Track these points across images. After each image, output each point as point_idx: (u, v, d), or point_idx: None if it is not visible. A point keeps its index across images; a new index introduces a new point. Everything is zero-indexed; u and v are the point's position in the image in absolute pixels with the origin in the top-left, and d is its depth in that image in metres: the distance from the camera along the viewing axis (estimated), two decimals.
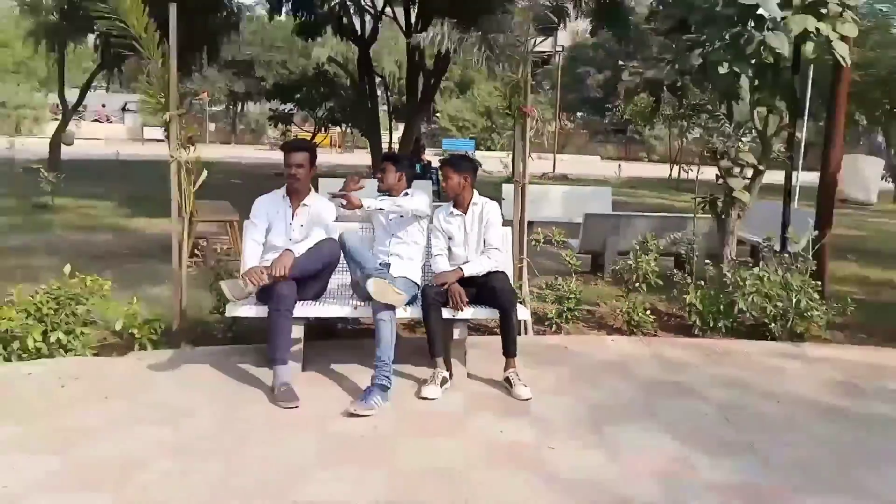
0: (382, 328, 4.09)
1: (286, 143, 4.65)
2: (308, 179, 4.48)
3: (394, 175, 4.67)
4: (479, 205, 4.58)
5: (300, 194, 4.49)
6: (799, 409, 4.16)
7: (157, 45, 4.57)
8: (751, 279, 5.37)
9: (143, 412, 3.80)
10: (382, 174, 4.70)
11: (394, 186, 4.67)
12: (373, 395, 3.91)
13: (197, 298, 5.71)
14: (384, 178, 4.68)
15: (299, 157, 4.41)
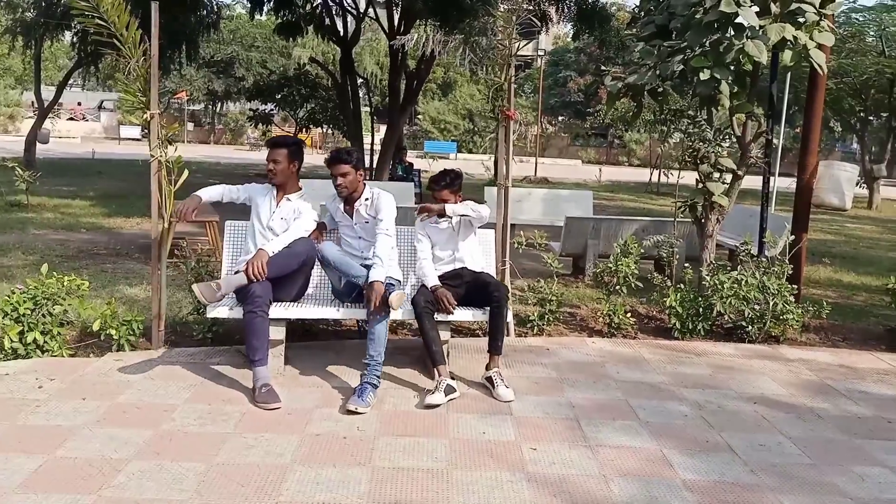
0: (379, 329, 4.12)
1: (269, 139, 4.67)
2: (287, 175, 4.48)
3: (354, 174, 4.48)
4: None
5: (283, 189, 4.52)
6: (774, 409, 4.24)
7: (138, 43, 4.55)
8: (729, 282, 5.45)
9: (121, 413, 3.78)
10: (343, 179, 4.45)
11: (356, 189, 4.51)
12: (367, 393, 3.94)
13: (176, 299, 5.70)
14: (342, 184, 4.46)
15: (276, 154, 4.46)
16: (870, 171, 20.08)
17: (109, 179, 16.89)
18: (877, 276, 8.76)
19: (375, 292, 4.09)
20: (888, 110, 20.11)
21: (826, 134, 27.44)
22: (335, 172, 4.45)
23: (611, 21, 15.88)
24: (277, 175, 4.46)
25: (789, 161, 18.31)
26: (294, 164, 4.50)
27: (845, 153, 35.59)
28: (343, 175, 4.44)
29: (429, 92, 38.98)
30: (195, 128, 40.93)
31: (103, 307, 4.83)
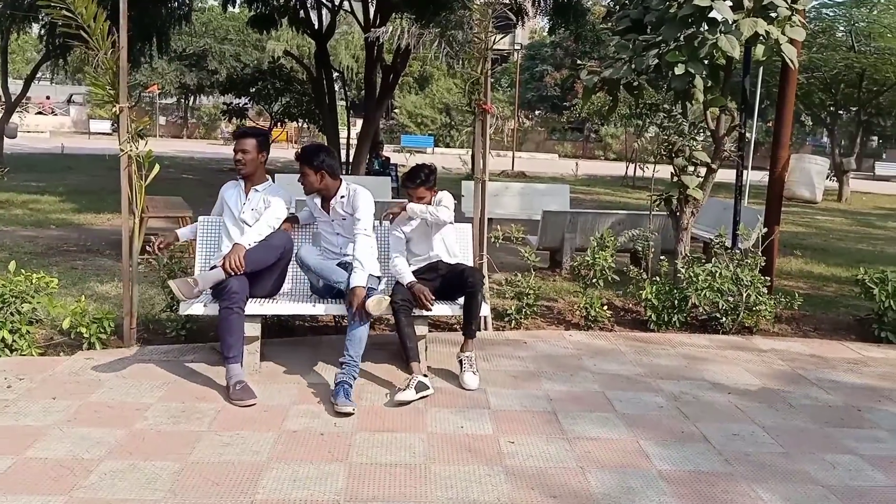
0: (359, 331, 4.08)
1: (236, 129, 4.65)
2: (255, 165, 4.46)
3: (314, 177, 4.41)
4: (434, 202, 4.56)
5: (251, 180, 4.49)
6: (748, 399, 4.29)
7: (106, 35, 4.46)
8: (703, 275, 5.51)
9: (92, 412, 3.72)
10: (302, 178, 4.43)
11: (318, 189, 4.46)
12: (349, 391, 3.90)
13: (149, 296, 5.62)
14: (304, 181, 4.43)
15: (244, 144, 4.45)
16: (839, 165, 20.41)
17: (79, 174, 16.62)
18: (846, 267, 8.91)
19: (357, 298, 4.07)
20: (857, 104, 20.44)
21: (797, 128, 27.86)
22: (300, 169, 4.47)
23: (587, 15, 15.93)
24: (247, 165, 4.43)
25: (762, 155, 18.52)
26: (262, 155, 4.49)
27: (816, 147, 36.14)
28: (303, 175, 4.45)
29: (405, 86, 38.84)
30: (167, 122, 40.39)
31: (73, 305, 4.75)
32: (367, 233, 4.34)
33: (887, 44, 17.94)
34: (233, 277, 4.06)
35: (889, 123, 25.38)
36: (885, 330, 5.69)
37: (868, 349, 5.47)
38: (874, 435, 3.88)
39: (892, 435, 3.87)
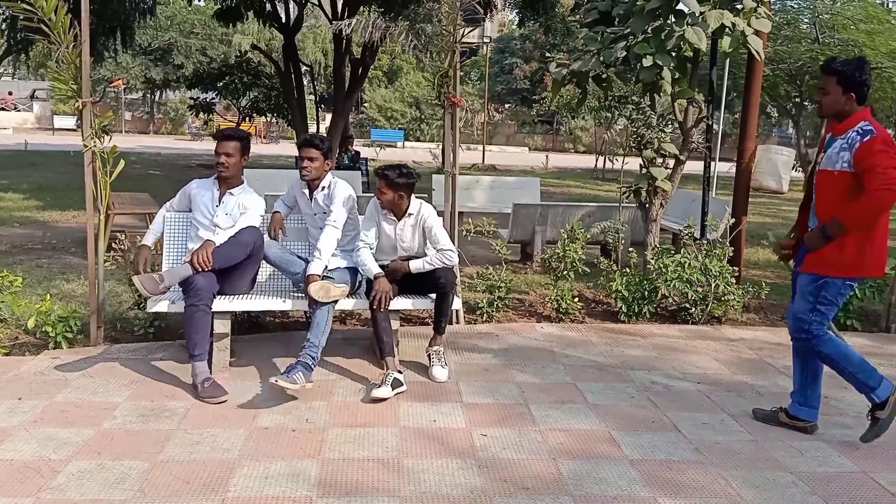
0: (319, 315, 4.08)
1: (218, 131, 4.56)
2: (237, 169, 4.40)
3: (321, 163, 4.45)
4: (415, 215, 4.42)
5: (229, 183, 4.42)
6: (717, 388, 4.36)
7: (68, 28, 4.37)
8: (672, 265, 5.58)
9: (59, 412, 3.66)
10: (309, 163, 4.44)
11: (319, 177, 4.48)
12: (296, 371, 3.81)
13: (116, 293, 5.54)
14: (308, 168, 4.43)
15: (228, 147, 4.36)
16: (805, 155, 20.74)
17: (44, 171, 16.29)
18: None
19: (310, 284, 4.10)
20: None
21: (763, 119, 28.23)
22: (303, 155, 4.43)
23: (556, 7, 15.96)
24: (229, 168, 4.36)
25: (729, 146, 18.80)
26: (244, 158, 4.43)
27: (782, 138, 36.72)
28: (310, 159, 4.42)
29: (375, 80, 38.68)
30: (133, 117, 39.73)
31: (39, 304, 4.67)
32: (335, 224, 4.34)
33: (851, 35, 18.26)
34: (199, 274, 4.01)
35: None
36: (851, 318, 5.81)
37: None
38: (841, 421, 3.95)
39: (857, 421, 3.94)
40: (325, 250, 4.26)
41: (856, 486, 3.25)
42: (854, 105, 3.52)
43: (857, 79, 3.48)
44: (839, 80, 3.51)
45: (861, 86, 3.50)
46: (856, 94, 3.50)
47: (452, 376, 4.33)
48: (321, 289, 4.07)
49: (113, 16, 15.25)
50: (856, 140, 3.43)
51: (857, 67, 3.50)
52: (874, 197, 3.33)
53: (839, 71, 3.52)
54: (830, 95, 3.55)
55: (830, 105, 3.57)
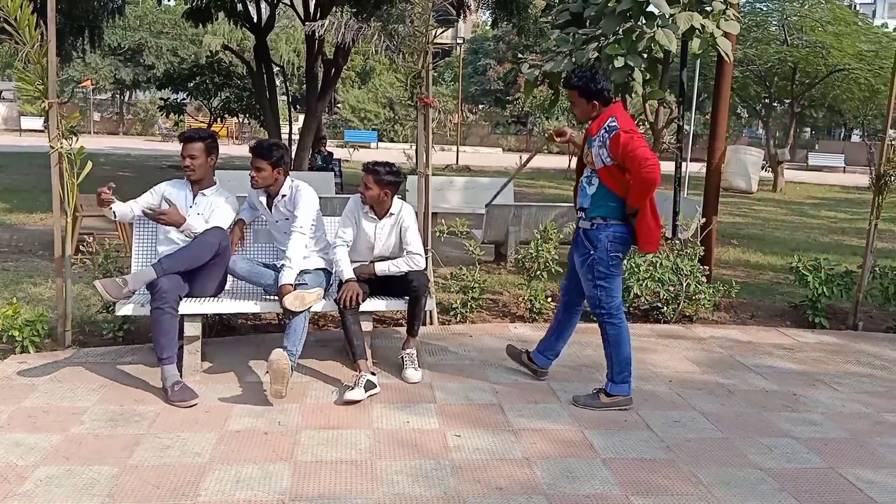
0: (296, 322, 4.05)
1: (181, 133, 4.48)
2: (204, 169, 4.34)
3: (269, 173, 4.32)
4: (395, 215, 4.42)
5: (200, 184, 4.37)
6: (688, 386, 4.41)
7: (33, 27, 4.29)
8: (644, 265, 5.63)
9: (25, 417, 3.59)
10: (256, 174, 4.32)
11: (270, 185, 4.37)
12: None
13: (84, 297, 5.45)
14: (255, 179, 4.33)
15: (192, 149, 4.30)
16: (774, 156, 21.08)
17: (10, 173, 15.97)
18: (782, 255, 9.23)
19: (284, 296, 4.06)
20: (791, 97, 21.14)
21: (733, 120, 28.64)
22: (252, 164, 4.35)
23: (528, 8, 16.03)
24: (196, 170, 4.30)
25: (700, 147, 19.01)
26: (211, 158, 4.36)
27: (752, 138, 37.26)
28: (258, 169, 4.33)
29: (348, 80, 38.56)
30: (102, 118, 39.16)
31: (5, 308, 4.57)
32: (301, 230, 4.28)
33: (818, 37, 18.60)
34: (164, 277, 3.96)
35: (821, 115, 26.32)
36: (819, 316, 5.91)
37: (803, 335, 5.68)
38: (809, 418, 4.02)
39: (826, 418, 4.03)
40: (295, 258, 4.21)
41: (824, 481, 3.30)
42: (601, 108, 3.91)
43: (593, 88, 3.87)
44: (579, 93, 3.91)
45: (599, 93, 3.88)
46: (598, 100, 3.90)
47: (426, 377, 4.33)
48: (296, 299, 4.04)
49: (81, 15, 15.03)
50: (605, 137, 3.80)
51: (590, 79, 3.88)
52: (640, 177, 3.71)
53: (577, 86, 3.91)
54: (578, 107, 3.98)
55: (582, 114, 3.99)
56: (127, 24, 29.52)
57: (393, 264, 4.35)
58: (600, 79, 3.89)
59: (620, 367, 4.03)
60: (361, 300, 4.21)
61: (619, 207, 3.88)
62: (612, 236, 3.89)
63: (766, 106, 23.00)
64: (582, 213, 4.01)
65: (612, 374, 4.05)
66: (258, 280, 4.39)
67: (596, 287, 3.96)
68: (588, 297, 4.05)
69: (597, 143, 3.85)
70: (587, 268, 3.96)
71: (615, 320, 4.01)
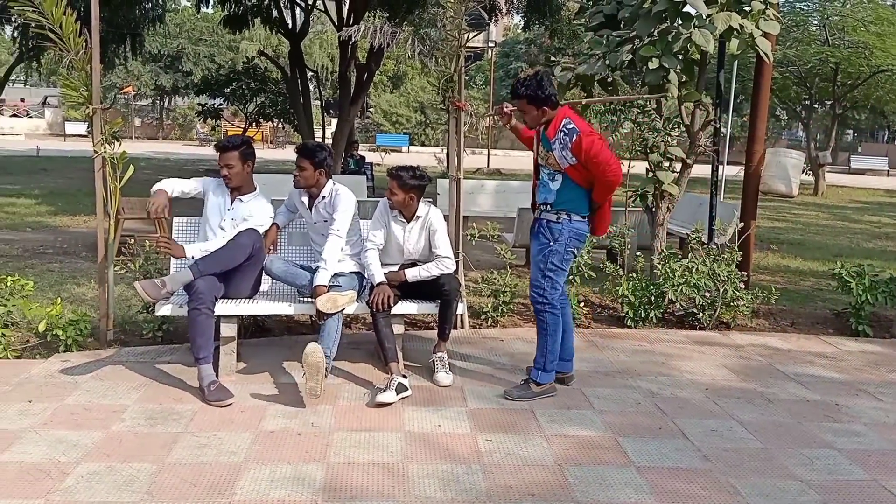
0: (329, 324, 4.10)
1: (217, 142, 4.56)
2: (241, 177, 4.39)
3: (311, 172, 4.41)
4: (423, 216, 4.46)
5: (239, 190, 4.45)
6: (726, 395, 4.34)
7: (77, 36, 4.41)
8: (680, 270, 5.56)
9: (68, 414, 3.68)
10: (300, 172, 4.42)
11: (311, 185, 4.45)
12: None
13: (125, 297, 5.58)
14: (299, 177, 4.42)
15: (227, 158, 4.36)
16: (815, 159, 20.64)
17: (55, 177, 16.41)
18: (823, 261, 9.03)
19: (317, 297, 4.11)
20: (832, 98, 20.70)
21: (772, 122, 28.16)
22: (297, 163, 4.43)
23: (561, 11, 15.98)
24: (233, 179, 4.37)
25: (737, 149, 18.71)
26: (248, 165, 4.41)
27: (791, 140, 36.58)
28: (301, 168, 4.40)
29: (380, 84, 38.76)
30: (143, 123, 39.99)
31: (49, 307, 4.70)
32: (338, 233, 4.34)
33: (861, 37, 18.18)
34: (201, 279, 4.03)
35: (864, 117, 25.74)
36: (863, 323, 5.77)
37: (845, 343, 5.55)
38: (852, 429, 3.92)
39: (869, 429, 3.92)
40: (330, 260, 4.27)
41: (867, 494, 3.22)
42: (551, 112, 4.01)
43: (541, 95, 3.97)
44: (528, 101, 4.00)
45: (547, 98, 3.98)
46: (547, 106, 3.99)
47: (457, 381, 4.33)
48: (328, 301, 4.09)
49: (123, 23, 15.42)
50: (567, 141, 3.90)
51: (537, 87, 3.96)
52: (604, 179, 3.90)
53: (524, 95, 4.00)
54: (528, 114, 4.06)
55: (533, 121, 4.09)
56: (167, 32, 30.09)
57: (423, 269, 4.37)
58: (546, 84, 3.97)
59: (553, 355, 4.16)
60: (393, 303, 4.24)
61: (584, 200, 4.04)
62: (574, 232, 4.05)
63: (806, 107, 22.54)
64: (546, 206, 4.11)
65: (544, 363, 4.14)
66: (293, 280, 4.44)
67: (545, 277, 4.08)
68: (533, 284, 4.14)
69: (558, 146, 3.95)
70: (542, 256, 4.08)
71: (555, 311, 4.12)
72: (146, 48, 21.47)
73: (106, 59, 15.72)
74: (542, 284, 4.09)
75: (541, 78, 3.99)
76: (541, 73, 4.05)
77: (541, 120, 4.04)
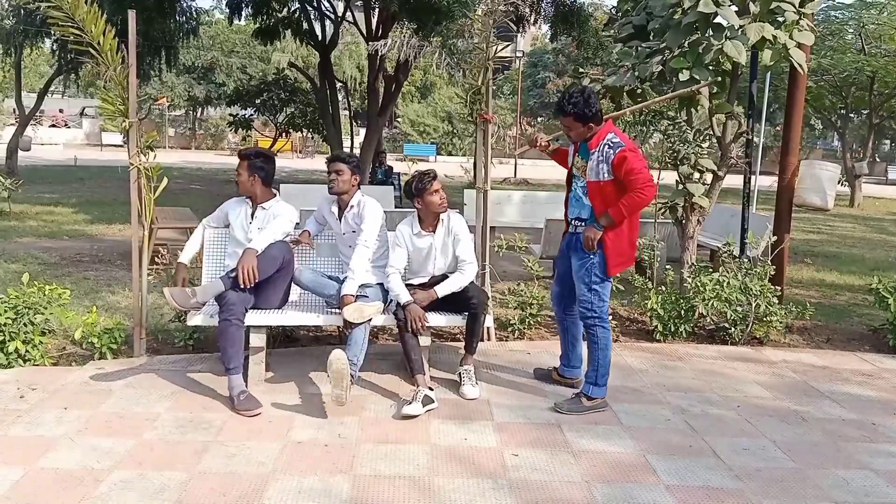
0: (356, 333, 4.13)
1: (239, 151, 4.68)
2: (251, 185, 4.45)
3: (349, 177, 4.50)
4: (445, 221, 4.49)
5: (257, 198, 4.51)
6: (758, 412, 4.26)
7: (115, 51, 4.52)
8: (711, 284, 5.49)
9: (102, 422, 3.76)
10: (337, 176, 4.48)
11: (347, 190, 4.52)
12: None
13: (158, 306, 5.67)
14: (336, 181, 4.49)
15: (239, 166, 4.48)
16: (851, 170, 20.27)
17: (92, 186, 16.77)
18: (860, 275, 8.85)
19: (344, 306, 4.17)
20: (868, 107, 20.34)
21: (807, 131, 27.69)
22: (331, 169, 4.51)
23: (589, 21, 15.93)
24: (243, 186, 4.48)
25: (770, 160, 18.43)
26: (254, 178, 4.45)
27: (826, 150, 35.96)
28: (338, 172, 4.47)
29: (408, 95, 38.99)
30: (176, 133, 40.66)
31: (85, 315, 4.80)
32: (366, 244, 4.40)
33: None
34: (231, 290, 4.09)
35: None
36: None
37: (883, 360, 5.41)
38: (890, 450, 3.82)
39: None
40: (358, 270, 4.33)
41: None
42: (596, 127, 4.05)
43: (588, 113, 4.00)
44: (574, 118, 4.03)
45: (595, 115, 4.02)
46: (593, 122, 4.03)
47: (483, 394, 4.33)
48: (355, 310, 4.14)
49: (158, 36, 15.73)
50: (609, 153, 3.95)
51: (584, 104, 3.99)
52: (638, 194, 3.91)
53: (571, 112, 4.03)
54: (573, 131, 4.10)
55: (577, 137, 4.13)
56: (200, 44, 30.61)
57: (451, 282, 4.38)
58: (593, 101, 4.01)
59: (605, 369, 4.16)
60: (427, 321, 4.26)
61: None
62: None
63: (841, 117, 22.17)
64: (580, 222, 4.16)
65: (595, 377, 4.16)
66: (322, 290, 4.50)
67: (591, 291, 4.10)
68: (580, 300, 4.16)
69: (596, 157, 4.00)
70: (585, 272, 4.10)
71: (605, 324, 4.16)
72: (180, 60, 21.84)
73: (141, 71, 16.04)
74: (588, 298, 4.11)
75: (588, 95, 4.03)
76: (588, 89, 4.09)
77: (586, 135, 4.07)
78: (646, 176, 3.92)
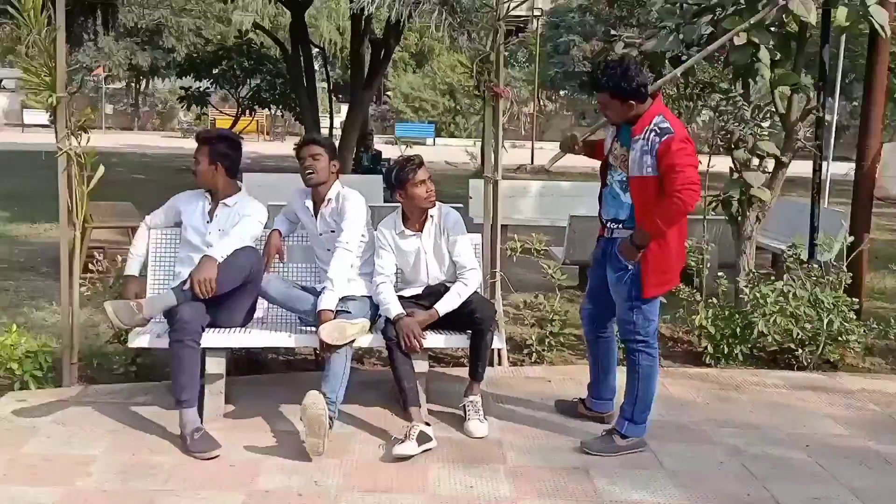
0: (334, 361, 4.12)
1: (197, 133, 4.68)
2: (212, 176, 4.47)
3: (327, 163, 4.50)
4: (435, 218, 4.52)
5: (217, 193, 4.52)
6: (832, 454, 4.26)
7: (39, 10, 4.52)
8: (773, 296, 5.50)
9: (25, 466, 3.75)
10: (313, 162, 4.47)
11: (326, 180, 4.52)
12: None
13: (93, 323, 5.68)
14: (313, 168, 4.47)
15: (198, 151, 4.49)
16: None
17: (12, 175, 16.78)
18: None
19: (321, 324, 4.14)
20: None
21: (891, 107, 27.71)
22: (306, 154, 4.49)
23: None
24: (200, 176, 4.49)
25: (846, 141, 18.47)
26: (216, 166, 4.47)
27: None
28: (314, 157, 4.46)
29: (400, 63, 39.07)
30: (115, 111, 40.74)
31: (3, 336, 4.79)
32: (347, 247, 4.39)
33: None
34: (185, 304, 4.08)
35: None
36: None
37: None
38: None
39: None
40: (338, 280, 4.31)
41: None
42: (640, 107, 3.96)
43: (627, 88, 3.90)
44: (611, 94, 3.97)
45: (636, 91, 3.91)
46: (635, 99, 3.93)
47: (493, 432, 4.33)
48: (335, 329, 4.12)
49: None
50: (655, 141, 3.87)
51: (622, 77, 3.90)
52: (675, 198, 3.80)
53: (606, 87, 3.96)
54: (611, 110, 4.05)
55: (616, 117, 4.07)
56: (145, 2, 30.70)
57: (452, 296, 4.39)
58: (634, 73, 3.94)
59: (646, 404, 4.14)
60: (423, 338, 4.27)
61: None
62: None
63: None
64: (617, 224, 4.13)
65: (632, 413, 4.12)
66: (293, 305, 4.49)
67: (632, 308, 4.07)
68: (620, 320, 4.17)
69: (640, 147, 3.93)
70: (623, 286, 4.06)
71: (651, 350, 4.12)
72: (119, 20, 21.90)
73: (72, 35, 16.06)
74: (631, 318, 4.08)
75: (627, 66, 3.99)
76: (628, 58, 4.06)
77: (627, 115, 4.01)
78: (688, 176, 3.81)
